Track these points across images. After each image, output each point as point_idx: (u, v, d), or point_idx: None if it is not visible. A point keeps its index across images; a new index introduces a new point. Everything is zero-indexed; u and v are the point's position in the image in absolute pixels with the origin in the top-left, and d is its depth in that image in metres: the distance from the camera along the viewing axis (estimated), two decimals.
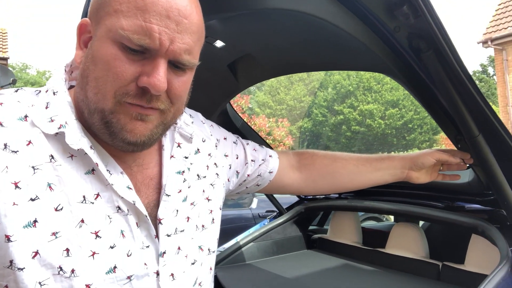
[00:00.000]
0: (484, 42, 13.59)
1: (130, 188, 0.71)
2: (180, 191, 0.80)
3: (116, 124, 0.66)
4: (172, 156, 0.81)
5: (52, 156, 0.65)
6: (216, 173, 0.92)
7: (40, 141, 0.65)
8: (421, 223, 2.59)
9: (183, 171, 0.82)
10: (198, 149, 0.89)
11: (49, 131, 0.65)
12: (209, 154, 0.92)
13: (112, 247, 0.67)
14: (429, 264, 1.68)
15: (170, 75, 0.67)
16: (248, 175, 1.05)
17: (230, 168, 0.99)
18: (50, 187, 0.63)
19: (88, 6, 0.71)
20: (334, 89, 28.60)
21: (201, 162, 0.88)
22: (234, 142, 1.03)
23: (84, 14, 0.86)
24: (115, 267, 0.66)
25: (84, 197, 0.66)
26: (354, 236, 2.13)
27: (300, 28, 1.04)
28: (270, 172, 1.09)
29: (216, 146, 0.95)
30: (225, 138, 1.00)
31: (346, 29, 0.89)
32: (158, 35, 0.62)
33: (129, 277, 0.68)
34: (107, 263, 0.66)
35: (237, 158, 1.01)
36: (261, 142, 1.97)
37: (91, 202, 0.66)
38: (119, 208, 0.69)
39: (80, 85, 0.68)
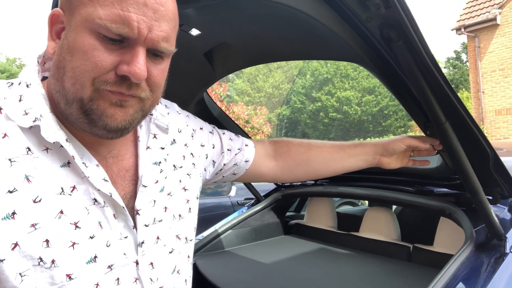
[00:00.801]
0: (458, 29, 13.88)
1: (106, 180, 0.71)
2: (157, 181, 0.81)
3: (96, 110, 0.66)
4: (148, 147, 0.82)
5: (28, 149, 0.64)
6: (193, 163, 0.93)
7: (16, 133, 0.64)
8: (394, 207, 2.68)
9: (160, 162, 0.83)
10: (174, 140, 0.89)
11: (24, 124, 0.65)
12: (185, 144, 0.92)
13: (92, 237, 0.67)
14: (400, 246, 1.76)
15: (148, 64, 0.67)
16: (224, 164, 1.06)
17: (206, 157, 1.00)
18: (27, 179, 0.63)
19: None
20: (312, 76, 28.73)
21: (177, 152, 0.89)
22: (210, 132, 1.04)
23: (55, 4, 0.84)
24: (95, 256, 0.67)
25: (62, 188, 0.66)
26: (329, 221, 2.19)
27: (274, 17, 1.05)
28: (246, 161, 1.10)
29: (192, 136, 0.96)
30: (201, 128, 1.01)
31: (319, 19, 0.91)
32: (137, 23, 0.62)
33: (109, 266, 0.69)
34: (88, 253, 0.66)
35: (213, 147, 1.02)
36: (238, 131, 1.98)
37: (69, 194, 0.67)
38: (95, 200, 0.69)
39: (56, 76, 0.67)
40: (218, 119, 1.91)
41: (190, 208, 0.88)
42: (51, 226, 0.64)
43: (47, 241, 0.63)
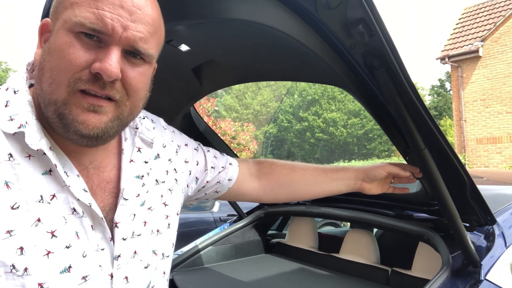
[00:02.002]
0: (442, 59, 14.31)
1: (86, 191, 0.71)
2: (138, 195, 0.80)
3: (69, 115, 0.66)
4: (131, 160, 0.81)
5: (10, 155, 0.64)
6: (175, 179, 0.92)
7: None
8: (375, 230, 2.70)
9: (142, 176, 0.83)
10: (158, 154, 0.89)
11: (8, 130, 0.64)
12: (169, 160, 0.92)
13: (68, 247, 0.66)
14: (379, 270, 1.76)
15: (125, 65, 0.68)
16: (207, 182, 1.06)
17: (190, 174, 1.00)
18: (7, 185, 0.62)
19: (49, 6, 0.71)
20: (300, 96, 29.07)
21: (161, 167, 0.89)
22: (195, 149, 1.04)
23: (45, 14, 0.85)
24: (70, 266, 0.66)
25: (41, 196, 0.65)
26: (310, 241, 2.18)
27: (262, 39, 1.08)
28: (229, 180, 1.11)
29: (176, 152, 0.96)
30: (186, 145, 1.01)
31: (305, 43, 0.93)
32: (111, 21, 0.64)
33: (84, 277, 0.68)
34: (62, 263, 0.65)
35: (197, 164, 1.02)
36: (224, 147, 1.98)
37: (48, 202, 0.66)
38: (74, 210, 0.69)
39: (37, 79, 0.68)
40: (204, 134, 1.91)
41: (169, 224, 0.88)
42: (27, 234, 0.63)
43: (21, 248, 0.62)
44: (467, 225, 1.37)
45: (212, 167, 1.06)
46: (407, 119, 1.00)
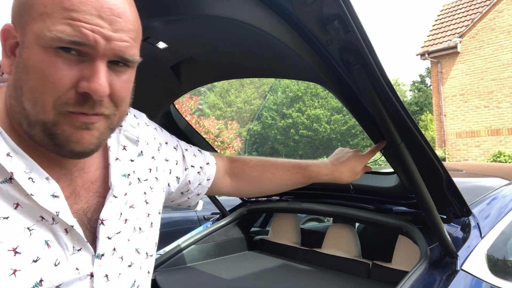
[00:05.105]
0: (422, 55, 14.58)
1: (56, 196, 0.67)
2: (126, 194, 0.79)
3: (61, 135, 0.63)
4: (117, 159, 0.80)
5: None
6: (156, 177, 0.91)
7: None
8: (357, 224, 2.74)
9: (129, 174, 0.81)
10: (141, 152, 0.88)
11: None
12: (153, 157, 0.91)
13: (35, 261, 0.63)
14: (360, 263, 1.79)
15: (111, 77, 0.64)
16: (189, 182, 1.06)
17: (170, 173, 0.99)
18: None
19: None
20: (284, 93, 29.17)
21: (144, 164, 0.88)
22: (174, 148, 1.03)
23: None
24: (41, 280, 0.63)
25: None
26: (293, 237, 2.20)
27: (239, 35, 1.07)
28: (208, 180, 1.11)
29: (158, 149, 0.95)
30: (166, 143, 1.00)
31: (282, 40, 0.93)
32: (91, 32, 0.59)
33: (57, 287, 0.65)
34: (32, 278, 0.62)
35: (176, 163, 1.02)
36: (205, 144, 1.98)
37: (4, 218, 0.61)
38: (42, 217, 0.65)
39: (14, 97, 0.64)
40: (185, 132, 1.90)
41: (152, 223, 0.87)
42: None
43: None
44: (444, 217, 1.40)
45: (192, 166, 1.06)
46: (383, 114, 1.01)
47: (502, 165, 2.98)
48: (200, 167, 1.09)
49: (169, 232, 4.12)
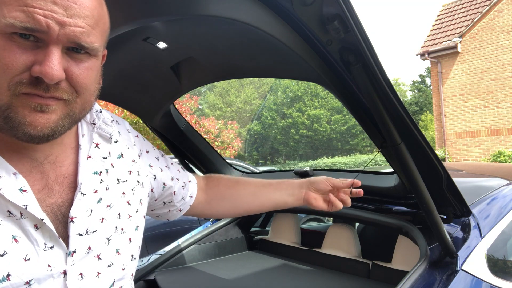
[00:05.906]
0: (422, 55, 14.58)
1: (24, 190, 0.67)
2: (96, 191, 0.78)
3: (15, 117, 0.63)
4: (89, 157, 0.79)
5: None
6: (138, 181, 0.91)
7: None
8: (357, 224, 2.74)
9: (101, 172, 0.80)
10: (122, 154, 0.87)
11: None
12: (133, 161, 0.91)
13: (2, 255, 0.62)
14: (360, 263, 1.79)
15: (68, 63, 0.64)
16: (174, 193, 1.06)
17: (155, 178, 0.99)
18: None
19: None
20: (284, 93, 29.18)
21: (124, 166, 0.87)
22: (156, 158, 1.03)
23: None
24: (8, 274, 0.62)
25: None
26: (293, 237, 2.20)
27: (239, 36, 1.07)
28: (191, 197, 1.12)
29: (139, 155, 0.94)
30: (147, 151, 1.00)
31: (282, 40, 0.93)
32: (44, 18, 0.60)
33: (27, 282, 0.64)
34: None
35: (161, 171, 1.02)
36: (205, 145, 1.98)
37: None
38: (10, 213, 0.65)
39: None
40: (185, 132, 1.90)
41: (138, 226, 0.86)
42: None
43: None
44: (444, 217, 1.40)
45: (177, 179, 1.07)
46: (383, 114, 1.01)
47: (502, 165, 2.97)
48: (184, 182, 1.10)
49: (169, 232, 4.12)
